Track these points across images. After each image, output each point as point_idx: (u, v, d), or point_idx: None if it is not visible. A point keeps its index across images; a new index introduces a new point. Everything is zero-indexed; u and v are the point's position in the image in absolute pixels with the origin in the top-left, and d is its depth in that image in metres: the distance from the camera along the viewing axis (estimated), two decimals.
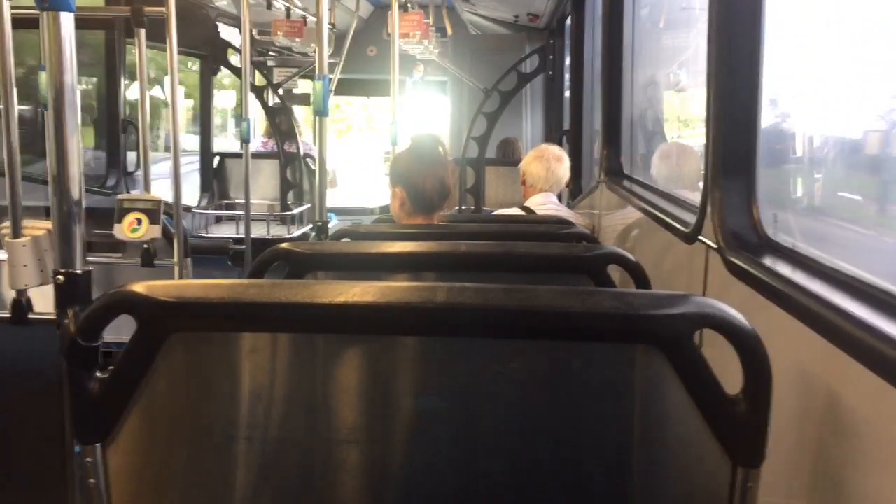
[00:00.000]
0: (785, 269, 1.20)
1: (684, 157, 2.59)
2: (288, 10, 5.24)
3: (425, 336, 0.93)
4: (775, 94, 1.51)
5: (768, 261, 1.28)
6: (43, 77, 1.48)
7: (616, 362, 0.90)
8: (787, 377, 0.99)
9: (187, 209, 4.75)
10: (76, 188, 1.50)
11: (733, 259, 1.33)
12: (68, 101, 1.45)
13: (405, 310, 0.88)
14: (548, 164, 3.27)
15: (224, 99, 6.89)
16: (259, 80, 5.70)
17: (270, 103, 5.67)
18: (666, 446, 0.89)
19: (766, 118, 1.46)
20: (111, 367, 0.91)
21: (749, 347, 0.82)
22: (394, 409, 0.95)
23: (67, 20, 1.42)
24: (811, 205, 1.61)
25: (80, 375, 0.91)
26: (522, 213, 3.23)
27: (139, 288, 0.89)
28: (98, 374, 0.91)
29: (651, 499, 0.90)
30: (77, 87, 1.48)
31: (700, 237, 1.56)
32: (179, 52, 2.81)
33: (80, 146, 1.50)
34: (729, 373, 0.83)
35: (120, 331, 1.02)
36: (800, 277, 1.14)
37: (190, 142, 5.66)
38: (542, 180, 3.26)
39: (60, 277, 1.50)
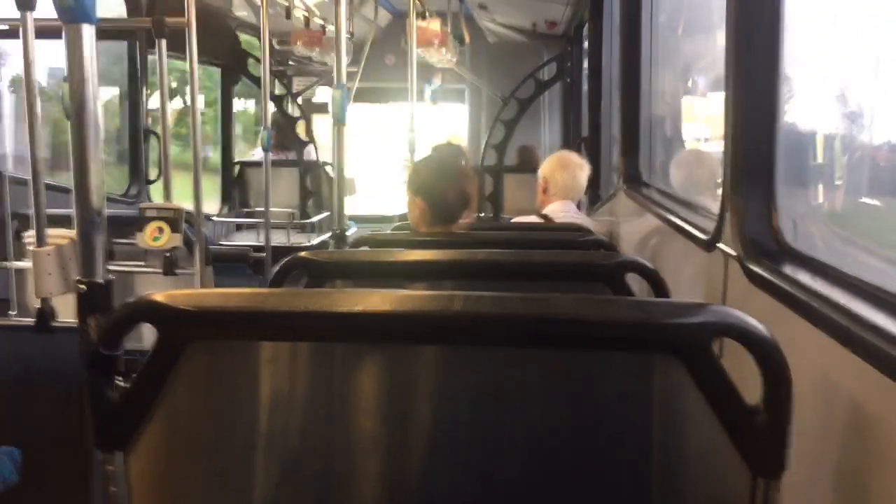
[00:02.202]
0: (805, 278, 1.19)
1: (703, 165, 2.58)
2: (307, 19, 5.28)
3: (443, 345, 0.93)
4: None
5: (788, 269, 1.26)
6: (65, 87, 1.49)
7: (634, 372, 0.89)
8: (808, 387, 0.98)
9: (208, 218, 4.79)
10: (98, 198, 1.51)
11: (753, 267, 1.32)
12: (90, 111, 1.47)
13: (423, 319, 0.88)
14: (573, 172, 3.27)
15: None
16: (279, 89, 5.75)
17: (291, 112, 5.71)
18: (685, 456, 0.89)
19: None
20: (132, 376, 0.92)
21: (768, 357, 0.81)
22: (412, 417, 0.95)
23: (89, 32, 1.44)
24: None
25: (100, 383, 0.92)
26: (540, 220, 3.23)
27: (160, 297, 0.90)
28: (119, 383, 0.92)
29: None
30: (99, 98, 1.50)
31: (719, 245, 1.55)
32: (200, 62, 2.84)
33: (101, 156, 1.52)
34: (749, 383, 0.82)
35: (141, 339, 1.03)
36: (820, 286, 1.12)
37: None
38: (566, 188, 3.26)
39: (82, 286, 1.52)
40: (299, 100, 5.82)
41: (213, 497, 0.99)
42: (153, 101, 4.62)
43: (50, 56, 3.66)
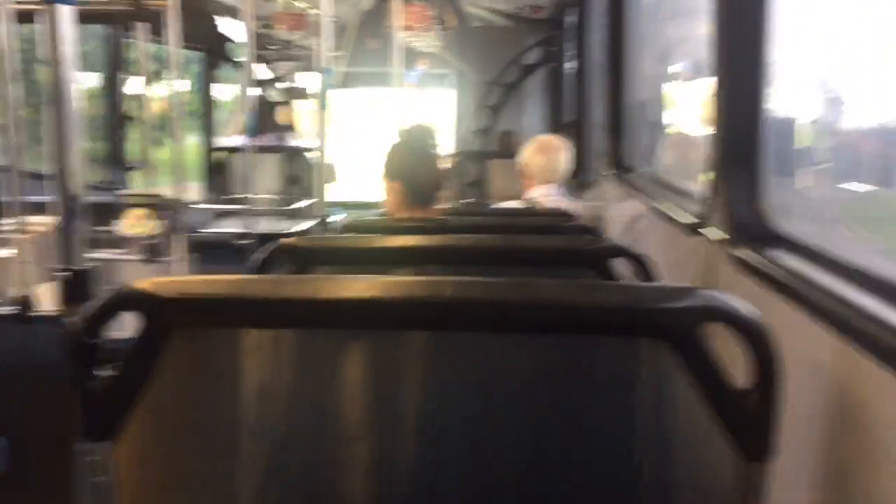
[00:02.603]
0: (792, 261, 1.19)
1: (690, 148, 2.58)
2: (288, 2, 5.22)
3: (431, 331, 0.92)
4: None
5: (775, 253, 1.27)
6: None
7: (623, 356, 0.89)
8: (794, 371, 0.99)
9: (189, 204, 4.74)
10: (76, 185, 1.49)
11: (740, 251, 1.32)
12: (67, 95, 1.45)
13: (410, 304, 0.88)
14: (552, 156, 3.24)
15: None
16: (262, 73, 5.69)
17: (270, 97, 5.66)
18: (675, 440, 0.89)
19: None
20: (115, 364, 0.91)
21: (757, 339, 0.81)
22: (400, 404, 0.95)
23: (67, 14, 1.42)
24: None
25: (84, 373, 0.90)
26: (524, 205, 3.22)
27: (143, 284, 0.88)
28: (103, 372, 0.91)
29: (660, 493, 0.89)
30: (76, 82, 1.47)
31: (706, 229, 1.55)
32: (180, 47, 2.81)
33: (79, 142, 1.49)
34: (738, 367, 0.82)
35: (123, 327, 1.02)
36: (806, 269, 1.13)
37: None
38: (547, 172, 3.23)
39: (63, 274, 1.50)
40: (279, 85, 5.75)
41: (199, 485, 0.98)
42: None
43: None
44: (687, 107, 2.99)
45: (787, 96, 1.60)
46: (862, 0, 1.35)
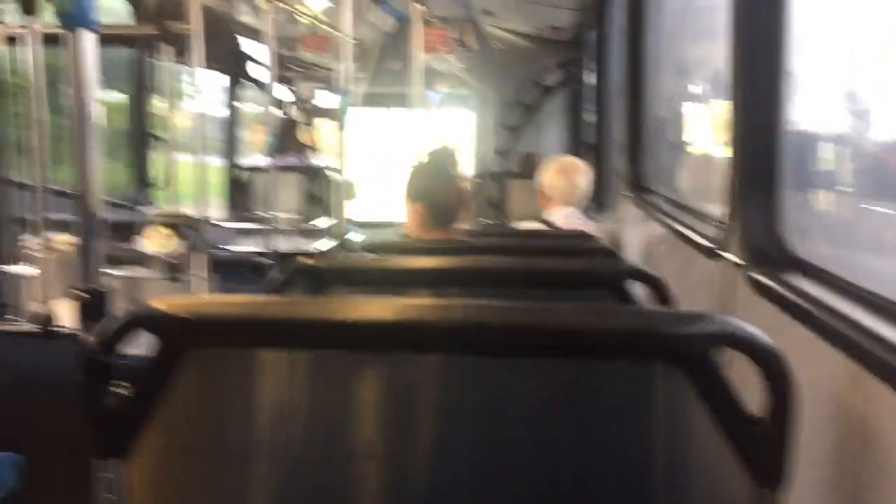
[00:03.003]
0: (810, 287, 1.18)
1: (709, 170, 2.57)
2: (313, 25, 5.29)
3: (443, 354, 0.92)
4: None
5: (793, 278, 1.26)
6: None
7: (636, 381, 0.88)
8: (811, 398, 0.97)
9: (212, 223, 4.79)
10: (98, 204, 1.51)
11: (757, 276, 1.31)
12: (91, 117, 1.47)
13: (423, 328, 0.88)
14: (570, 177, 3.25)
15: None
16: (284, 94, 5.76)
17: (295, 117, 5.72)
18: (687, 467, 0.88)
19: None
20: (131, 383, 0.92)
21: (771, 366, 0.80)
22: (412, 427, 0.95)
23: (90, 38, 1.45)
24: None
25: (99, 390, 0.91)
26: (542, 226, 3.22)
27: (159, 304, 0.89)
28: (117, 390, 0.92)
29: None
30: (99, 104, 1.50)
31: (724, 253, 1.54)
32: (204, 68, 2.85)
33: (101, 162, 1.52)
34: (754, 394, 0.81)
35: (139, 345, 1.03)
36: (825, 295, 1.11)
37: None
38: (565, 194, 3.23)
39: (82, 292, 1.51)
40: (301, 105, 5.81)
41: None
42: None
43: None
44: (706, 128, 2.98)
45: (809, 109, 1.58)
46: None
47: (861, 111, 1.45)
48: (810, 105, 1.56)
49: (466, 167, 2.18)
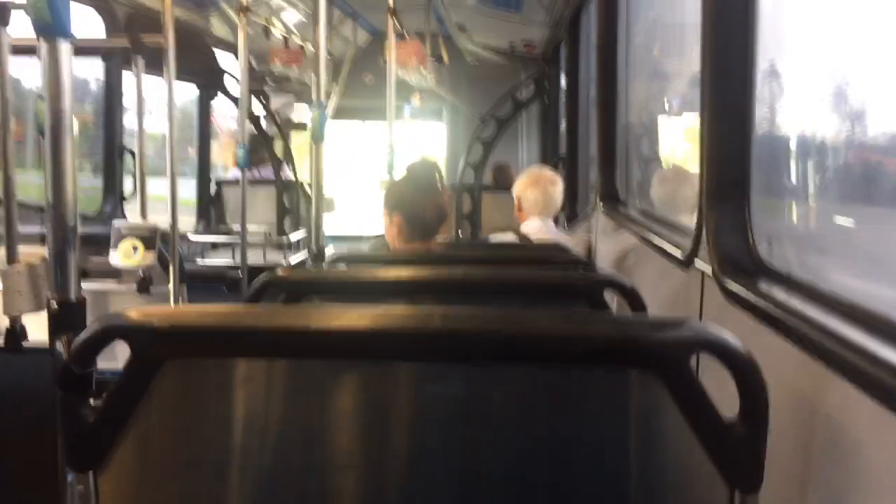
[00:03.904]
0: (780, 294, 1.20)
1: (682, 182, 2.60)
2: (286, 38, 5.28)
3: (420, 362, 0.93)
4: None
5: (764, 286, 1.28)
6: (41, 104, 1.48)
7: (612, 388, 0.89)
8: (783, 402, 0.99)
9: (183, 236, 4.75)
10: (71, 215, 1.50)
11: (729, 284, 1.33)
12: (65, 128, 1.46)
13: (399, 335, 0.88)
14: (544, 188, 3.27)
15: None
16: (257, 107, 5.74)
17: (268, 131, 5.70)
18: (662, 471, 0.89)
19: None
20: (105, 395, 0.91)
21: (745, 371, 0.81)
22: (389, 434, 0.95)
23: (65, 47, 1.43)
24: None
25: (73, 403, 0.90)
26: (517, 237, 3.23)
27: (132, 314, 0.89)
28: (91, 402, 0.90)
29: None
30: (73, 115, 1.48)
31: (695, 262, 1.56)
32: (177, 80, 2.83)
33: (75, 173, 1.50)
34: (727, 398, 0.83)
35: (115, 358, 1.02)
36: (795, 302, 1.14)
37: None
38: (539, 205, 3.26)
39: (54, 304, 1.49)
40: (277, 118, 5.80)
41: None
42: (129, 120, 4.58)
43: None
44: (678, 140, 3.02)
45: (783, 110, 1.58)
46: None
47: (850, 112, 1.42)
48: (800, 105, 1.55)
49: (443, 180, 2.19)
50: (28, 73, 3.84)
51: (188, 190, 5.58)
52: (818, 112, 1.45)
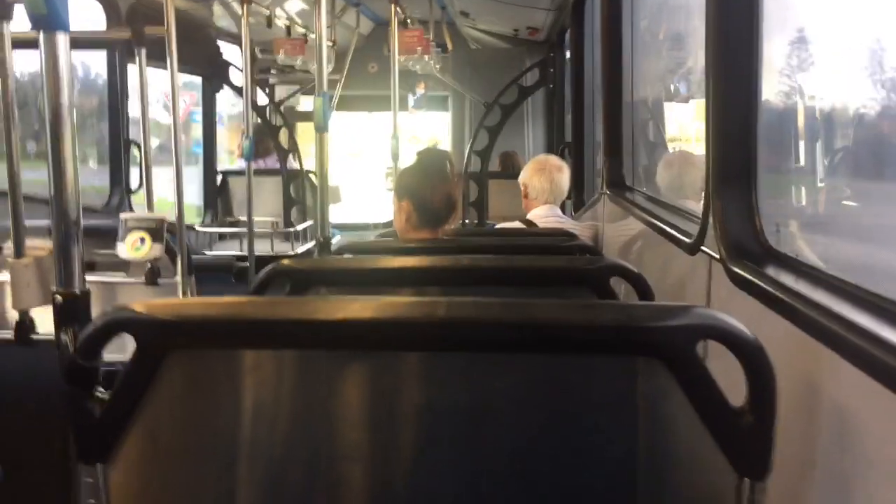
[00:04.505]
0: (788, 279, 1.19)
1: (688, 167, 2.59)
2: (289, 28, 5.26)
3: (427, 352, 0.92)
4: None
5: (771, 271, 1.27)
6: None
7: (619, 375, 0.89)
8: (792, 388, 0.98)
9: (190, 227, 4.75)
10: (74, 208, 1.50)
11: (736, 270, 1.32)
12: (66, 120, 1.46)
13: (405, 325, 0.88)
14: (550, 175, 3.26)
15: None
16: (261, 98, 5.73)
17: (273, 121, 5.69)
18: (670, 459, 0.88)
19: None
20: (112, 387, 0.91)
21: (752, 358, 0.81)
22: (396, 424, 0.95)
23: (63, 40, 1.43)
24: None
25: (80, 395, 0.90)
26: (524, 226, 3.23)
27: (138, 307, 0.89)
28: (98, 394, 0.91)
29: None
30: (74, 107, 1.48)
31: (703, 248, 1.55)
32: (180, 71, 2.83)
33: (77, 166, 1.50)
34: (735, 385, 0.82)
35: (124, 349, 1.02)
36: (803, 287, 1.13)
37: None
38: (546, 192, 3.25)
39: (59, 297, 1.50)
40: (282, 108, 5.78)
41: None
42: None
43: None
44: (686, 125, 3.00)
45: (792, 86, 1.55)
46: None
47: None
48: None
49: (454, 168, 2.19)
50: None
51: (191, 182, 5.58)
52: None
